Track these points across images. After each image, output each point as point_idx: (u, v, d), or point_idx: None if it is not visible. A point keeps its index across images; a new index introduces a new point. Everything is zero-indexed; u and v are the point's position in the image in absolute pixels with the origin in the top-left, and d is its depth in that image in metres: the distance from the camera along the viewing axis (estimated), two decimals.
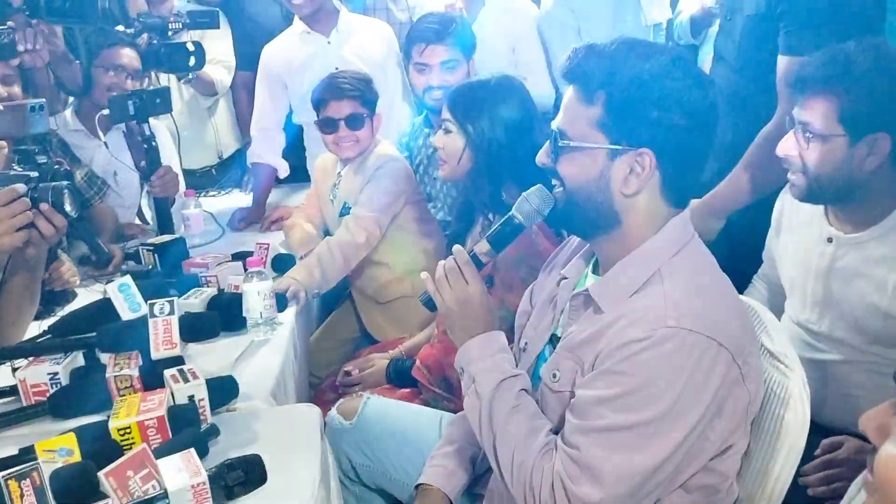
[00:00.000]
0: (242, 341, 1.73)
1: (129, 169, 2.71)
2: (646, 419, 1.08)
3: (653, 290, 1.14)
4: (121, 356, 1.47)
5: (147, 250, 2.17)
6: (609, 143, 1.15)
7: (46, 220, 1.46)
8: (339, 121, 2.29)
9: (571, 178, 1.20)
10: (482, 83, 1.88)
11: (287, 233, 2.54)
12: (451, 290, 1.30)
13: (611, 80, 1.14)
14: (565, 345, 1.22)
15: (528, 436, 1.19)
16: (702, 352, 1.08)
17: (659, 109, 1.12)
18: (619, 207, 1.18)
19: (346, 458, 1.68)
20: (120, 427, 1.25)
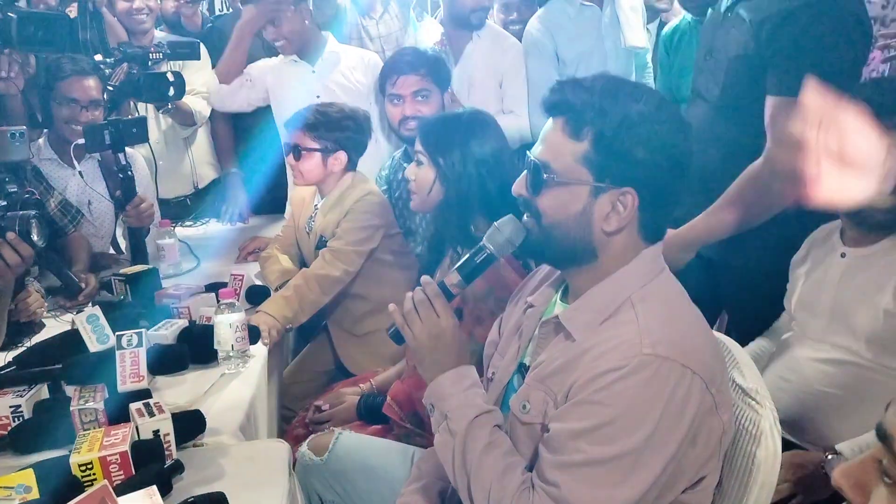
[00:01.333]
0: (213, 374, 1.70)
1: (104, 198, 2.68)
2: (624, 451, 1.06)
3: (625, 317, 1.14)
4: (86, 389, 1.45)
5: (119, 280, 2.14)
6: (594, 180, 1.15)
7: (12, 248, 1.44)
8: (290, 151, 2.34)
9: (551, 213, 1.19)
10: (455, 116, 1.89)
11: (262, 264, 2.52)
12: (421, 324, 1.27)
13: (602, 117, 1.14)
14: (536, 375, 1.21)
15: (503, 473, 1.16)
16: (677, 379, 1.07)
17: (645, 150, 1.13)
18: (597, 243, 1.18)
19: (317, 495, 1.65)
20: (81, 463, 1.22)
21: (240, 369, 1.74)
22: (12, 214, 1.46)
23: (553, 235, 1.20)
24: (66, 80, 2.49)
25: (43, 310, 2.04)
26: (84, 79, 2.51)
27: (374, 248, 2.33)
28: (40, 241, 1.48)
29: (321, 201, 2.43)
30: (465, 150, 1.82)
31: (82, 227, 2.56)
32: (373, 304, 2.39)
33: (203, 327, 1.77)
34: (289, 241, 2.60)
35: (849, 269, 1.63)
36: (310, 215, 2.48)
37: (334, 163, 2.35)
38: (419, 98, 2.51)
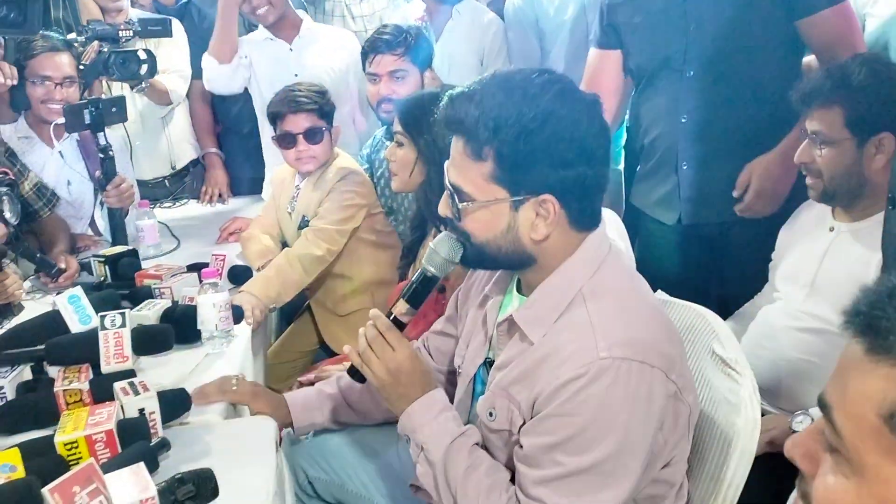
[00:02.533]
0: (197, 354, 1.70)
1: (83, 178, 2.65)
2: (601, 457, 1.07)
3: (578, 317, 1.13)
4: (70, 369, 1.44)
5: (99, 262, 2.12)
6: (510, 196, 1.13)
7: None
8: (298, 135, 2.28)
9: (478, 234, 1.17)
10: (433, 96, 1.87)
11: (244, 244, 2.51)
12: (378, 361, 1.27)
13: (496, 134, 1.10)
14: (498, 383, 1.21)
15: (489, 493, 1.16)
16: (637, 378, 1.07)
17: (550, 154, 1.10)
18: (530, 251, 1.17)
19: (303, 472, 1.66)
20: (66, 441, 1.22)
21: (224, 349, 1.73)
22: None
23: (486, 252, 1.19)
24: (37, 58, 2.45)
25: (21, 291, 2.02)
26: (56, 55, 2.47)
27: (356, 228, 2.33)
28: (13, 218, 1.46)
29: (302, 181, 2.42)
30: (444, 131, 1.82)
31: (60, 208, 2.53)
32: (356, 284, 2.40)
33: (186, 307, 1.76)
34: (270, 221, 2.58)
35: (836, 242, 1.66)
36: (291, 195, 2.47)
37: (334, 140, 2.35)
38: (396, 78, 2.49)
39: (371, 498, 1.59)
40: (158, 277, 1.99)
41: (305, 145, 2.29)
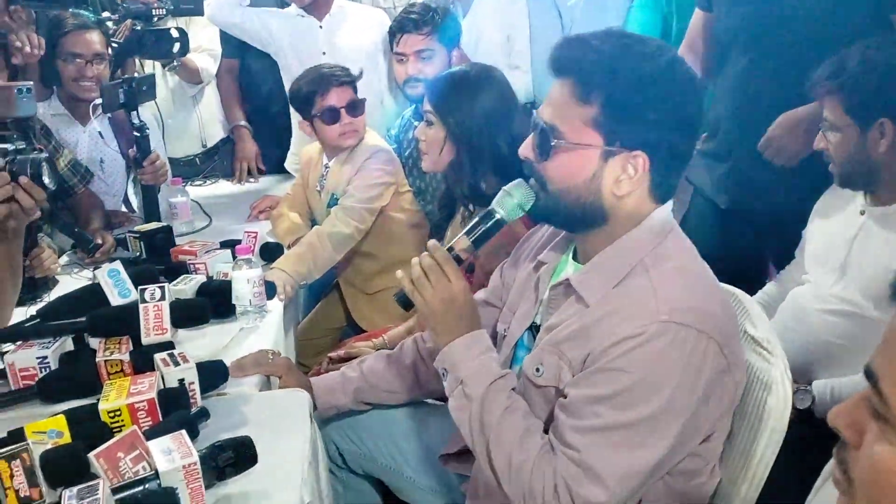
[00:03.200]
0: (232, 328, 1.73)
1: (116, 156, 2.70)
2: (644, 416, 1.08)
3: (639, 281, 1.15)
4: (111, 341, 1.47)
5: (134, 237, 2.17)
6: (604, 144, 1.14)
7: (26, 192, 1.46)
8: (341, 109, 2.29)
9: (559, 179, 1.18)
10: (462, 74, 1.88)
11: (274, 222, 2.55)
12: (432, 290, 1.26)
13: (612, 80, 1.11)
14: (549, 339, 1.21)
15: (523, 437, 1.17)
16: (693, 345, 1.08)
17: (656, 112, 1.12)
18: (607, 207, 1.18)
19: (333, 445, 1.69)
20: (110, 409, 1.26)
21: (257, 324, 1.77)
22: (22, 158, 1.46)
23: (561, 201, 1.19)
24: (68, 35, 2.49)
25: (56, 266, 2.07)
26: (86, 32, 2.51)
27: (384, 206, 2.35)
28: (52, 184, 1.49)
29: (331, 160, 2.44)
30: (474, 108, 1.82)
31: (93, 185, 2.58)
32: (383, 263, 2.42)
33: (221, 283, 1.80)
34: (299, 199, 2.62)
35: (866, 226, 1.65)
36: (320, 174, 2.50)
37: None
38: (423, 58, 2.50)
39: (400, 470, 1.62)
40: (193, 253, 2.03)
41: (349, 118, 2.30)
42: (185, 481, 1.09)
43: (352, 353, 2.09)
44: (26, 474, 1.09)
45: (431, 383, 1.64)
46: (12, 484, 1.08)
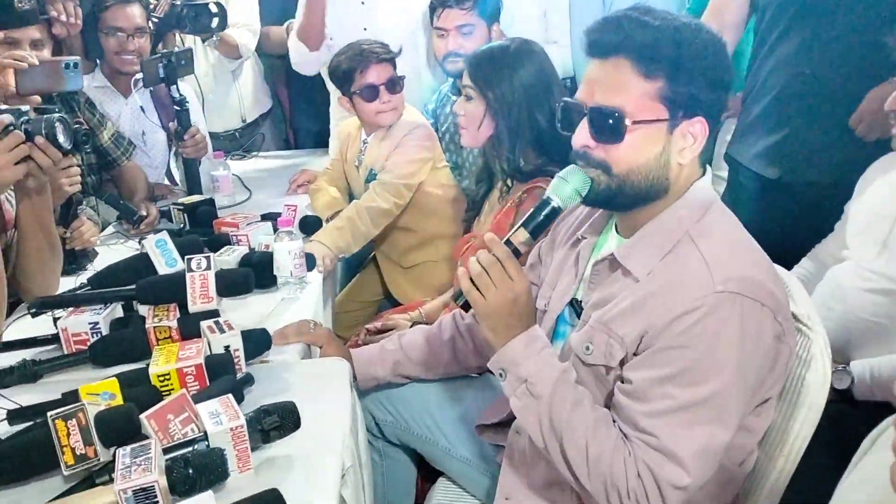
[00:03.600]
0: (273, 298, 1.77)
1: (157, 129, 2.75)
2: (715, 390, 1.08)
3: (688, 254, 1.15)
4: (159, 308, 1.52)
5: (178, 209, 2.22)
6: (668, 116, 1.15)
7: (42, 152, 1.50)
8: (380, 86, 2.30)
9: (630, 159, 1.16)
10: (502, 48, 1.88)
11: (312, 196, 2.58)
12: (495, 289, 1.20)
13: (677, 51, 1.13)
14: (598, 317, 1.20)
15: (596, 429, 1.15)
16: (750, 314, 1.09)
17: (713, 76, 1.15)
18: (671, 179, 1.19)
19: (370, 414, 1.73)
20: (160, 373, 1.30)
21: (298, 294, 1.81)
22: (37, 118, 1.50)
23: (628, 181, 1.17)
24: (110, 9, 2.53)
25: (96, 239, 2.12)
26: (127, 6, 2.54)
27: (422, 181, 2.36)
28: (67, 144, 1.53)
29: (370, 135, 2.46)
30: (514, 82, 1.82)
31: (136, 158, 2.64)
32: (420, 237, 2.45)
33: (262, 254, 1.83)
34: (337, 174, 2.64)
35: None
36: (358, 149, 2.52)
37: None
38: (463, 32, 2.49)
39: (435, 440, 1.65)
40: (235, 225, 2.07)
41: (388, 95, 2.31)
42: (233, 443, 1.13)
43: (388, 324, 2.13)
44: (82, 433, 1.13)
45: (469, 359, 1.66)
46: (69, 442, 1.13)
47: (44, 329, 1.58)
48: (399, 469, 1.76)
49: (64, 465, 1.13)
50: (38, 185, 1.59)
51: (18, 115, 1.49)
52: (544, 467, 1.29)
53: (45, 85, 1.82)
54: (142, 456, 1.06)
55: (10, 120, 1.47)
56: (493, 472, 1.53)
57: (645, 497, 1.10)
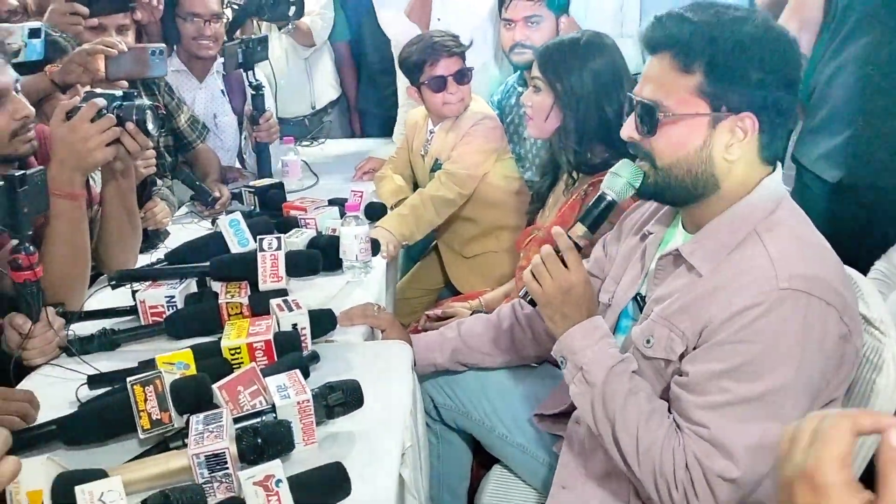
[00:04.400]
0: (339, 281, 1.81)
1: (228, 112, 2.83)
2: (771, 387, 1.07)
3: (753, 250, 1.14)
4: (231, 285, 1.58)
5: (249, 192, 2.29)
6: (711, 111, 1.15)
7: (131, 137, 1.56)
8: (449, 78, 2.32)
9: (669, 152, 1.18)
10: (573, 41, 1.87)
11: (377, 183, 2.62)
12: (551, 279, 1.27)
13: (713, 45, 1.13)
14: (661, 311, 1.21)
15: (649, 418, 1.16)
16: (814, 313, 1.07)
17: (760, 72, 1.13)
18: (719, 174, 1.18)
19: (429, 398, 1.75)
20: (231, 347, 1.36)
21: (362, 278, 1.84)
22: (129, 104, 1.57)
23: (672, 174, 1.19)
24: None
25: (168, 220, 2.21)
26: None
27: (486, 172, 2.38)
28: (155, 131, 1.59)
29: (435, 126, 2.49)
30: (584, 75, 1.81)
31: (209, 141, 2.72)
32: (482, 228, 2.46)
33: (329, 238, 1.88)
34: (402, 162, 2.68)
35: None
36: (425, 139, 2.55)
37: None
38: (530, 23, 2.49)
39: (493, 426, 1.66)
40: (303, 209, 2.12)
41: (456, 87, 2.33)
42: (299, 416, 1.18)
43: (448, 312, 2.15)
44: (158, 399, 1.19)
45: (527, 348, 1.67)
46: (146, 407, 1.19)
47: (122, 301, 1.66)
48: (455, 453, 1.79)
49: (140, 428, 1.19)
50: (124, 167, 1.67)
51: (112, 99, 1.57)
52: (602, 458, 1.29)
53: (132, 71, 1.91)
54: (214, 424, 1.11)
55: (103, 103, 1.54)
56: (549, 461, 1.55)
57: (692, 488, 1.10)
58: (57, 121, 1.54)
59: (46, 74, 1.85)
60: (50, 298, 1.47)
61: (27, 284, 1.38)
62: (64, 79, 1.84)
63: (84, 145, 1.52)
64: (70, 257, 1.56)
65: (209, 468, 1.07)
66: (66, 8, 2.11)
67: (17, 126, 1.52)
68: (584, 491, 1.34)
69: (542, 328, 1.60)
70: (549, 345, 1.35)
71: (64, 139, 1.52)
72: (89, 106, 1.53)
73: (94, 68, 1.82)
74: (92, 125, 1.52)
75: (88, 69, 1.82)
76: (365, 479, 1.11)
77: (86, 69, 1.82)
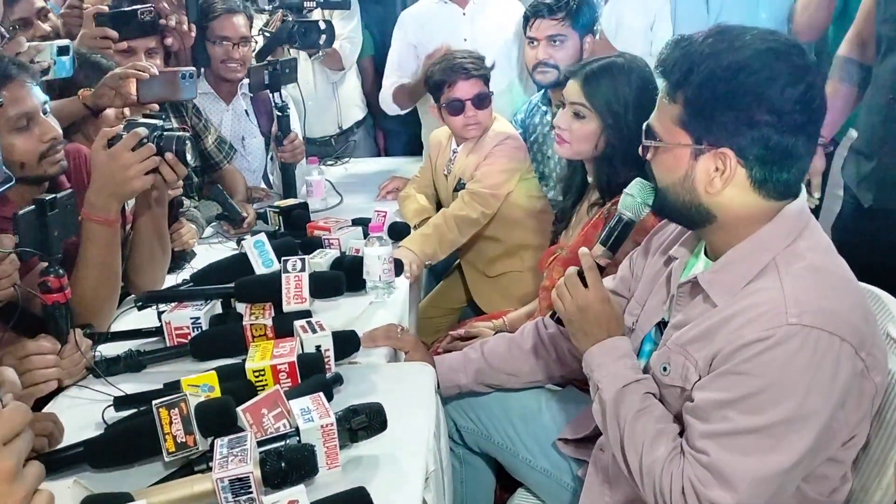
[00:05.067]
0: (362, 302, 1.82)
1: (256, 134, 2.86)
2: (775, 420, 1.06)
3: (769, 283, 1.12)
4: (255, 306, 1.59)
5: (274, 212, 2.31)
6: (692, 142, 1.14)
7: (170, 167, 1.58)
8: (467, 101, 2.33)
9: (660, 177, 1.22)
10: (617, 66, 1.81)
11: (401, 203, 2.63)
12: (570, 298, 1.33)
13: (687, 78, 1.12)
14: (676, 339, 1.21)
15: (654, 439, 1.18)
16: (825, 349, 1.06)
17: (734, 109, 1.10)
18: (708, 205, 1.17)
19: (452, 421, 1.74)
20: (255, 369, 1.36)
21: (385, 299, 1.84)
22: (169, 135, 1.59)
23: (669, 199, 1.22)
24: (217, 19, 2.66)
25: (194, 241, 2.22)
26: (233, 16, 2.67)
27: (510, 192, 2.38)
28: (193, 161, 1.61)
29: (458, 145, 2.49)
30: (628, 101, 1.76)
31: (235, 161, 2.76)
32: (506, 247, 2.46)
33: (353, 258, 1.89)
34: (426, 182, 2.69)
35: None
36: (448, 158, 2.56)
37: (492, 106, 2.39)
38: (554, 42, 2.49)
39: (516, 451, 1.65)
40: (327, 229, 2.13)
41: (473, 111, 2.34)
42: (322, 440, 1.18)
43: (472, 332, 2.14)
44: (183, 422, 1.20)
45: (551, 368, 1.66)
46: (171, 430, 1.20)
47: (148, 322, 1.67)
48: (478, 477, 1.77)
49: (165, 451, 1.20)
50: (160, 195, 1.70)
51: (153, 129, 1.59)
52: (626, 485, 1.28)
53: (163, 94, 1.94)
54: (238, 447, 1.11)
55: (145, 133, 1.56)
56: (573, 486, 1.53)
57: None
58: (98, 147, 1.56)
59: (80, 99, 1.88)
60: (79, 319, 1.49)
61: (57, 306, 1.39)
62: (96, 102, 1.88)
63: (123, 174, 1.54)
64: (102, 280, 1.59)
65: (233, 492, 1.07)
66: (96, 32, 2.15)
67: (44, 148, 1.55)
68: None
69: (566, 347, 1.60)
70: (573, 364, 1.36)
71: (104, 166, 1.55)
72: (132, 135, 1.55)
73: (126, 92, 1.85)
74: (133, 154, 1.54)
75: (120, 93, 1.86)
76: (389, 503, 1.10)
77: (118, 93, 1.86)
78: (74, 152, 1.75)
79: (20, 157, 1.53)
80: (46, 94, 1.62)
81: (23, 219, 1.34)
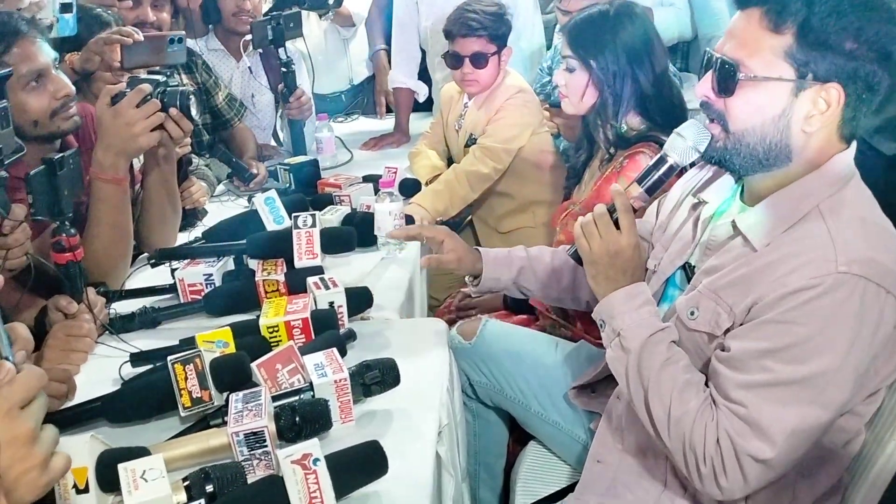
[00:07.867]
0: (373, 257, 1.82)
1: (266, 91, 2.84)
2: (816, 371, 1.03)
3: (813, 228, 1.09)
4: (268, 262, 1.59)
5: (284, 169, 2.29)
6: (796, 77, 1.07)
7: (175, 123, 1.57)
8: (465, 58, 2.30)
9: (744, 117, 1.12)
10: (602, 14, 1.79)
11: (411, 159, 2.61)
12: (600, 240, 1.23)
13: (809, 7, 1.04)
14: (709, 284, 1.17)
15: (683, 390, 1.14)
16: (872, 300, 1.03)
17: (855, 41, 1.04)
18: (794, 146, 1.11)
19: (465, 376, 1.75)
20: (269, 325, 1.37)
21: (397, 255, 1.84)
22: (172, 90, 1.57)
23: (744, 141, 1.13)
24: None
25: (205, 199, 2.22)
26: None
27: (522, 146, 2.35)
28: (198, 116, 1.60)
29: (471, 100, 2.46)
30: (617, 49, 1.75)
31: (246, 119, 2.74)
32: (517, 203, 2.44)
33: (364, 214, 1.88)
34: (437, 137, 2.66)
35: None
36: (459, 113, 2.52)
37: (503, 62, 2.36)
38: None
39: (528, 404, 1.66)
40: (338, 186, 2.12)
41: (470, 69, 2.31)
42: (336, 395, 1.19)
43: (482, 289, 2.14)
44: (198, 378, 1.21)
45: (583, 289, 1.62)
46: (186, 385, 1.21)
47: (162, 279, 1.68)
48: (491, 430, 1.79)
49: (181, 406, 1.21)
50: (167, 152, 1.69)
51: (156, 84, 1.57)
52: (639, 433, 1.28)
53: (149, 60, 1.86)
54: (253, 402, 1.12)
55: (149, 89, 1.55)
56: (584, 438, 1.54)
57: (721, 465, 1.08)
58: (102, 105, 1.55)
59: (67, 63, 1.85)
60: (92, 278, 1.49)
61: (70, 265, 1.40)
62: (84, 67, 1.85)
63: (129, 130, 1.53)
64: (113, 239, 1.59)
65: (248, 446, 1.08)
66: None
67: (57, 105, 1.54)
68: (620, 466, 1.33)
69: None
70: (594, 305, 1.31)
71: (109, 124, 1.54)
72: (135, 92, 1.53)
73: (110, 58, 1.82)
74: (137, 110, 1.53)
75: (104, 58, 1.82)
76: (402, 457, 1.12)
77: (102, 59, 1.83)
78: (81, 111, 1.73)
79: (34, 114, 1.52)
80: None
81: (34, 179, 1.34)
